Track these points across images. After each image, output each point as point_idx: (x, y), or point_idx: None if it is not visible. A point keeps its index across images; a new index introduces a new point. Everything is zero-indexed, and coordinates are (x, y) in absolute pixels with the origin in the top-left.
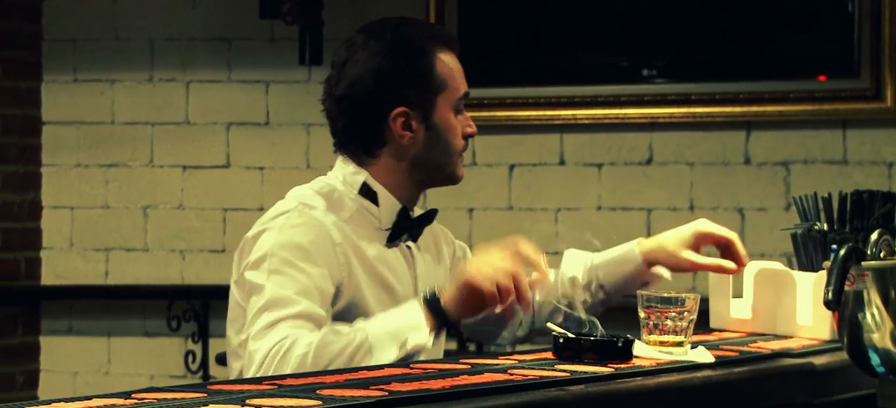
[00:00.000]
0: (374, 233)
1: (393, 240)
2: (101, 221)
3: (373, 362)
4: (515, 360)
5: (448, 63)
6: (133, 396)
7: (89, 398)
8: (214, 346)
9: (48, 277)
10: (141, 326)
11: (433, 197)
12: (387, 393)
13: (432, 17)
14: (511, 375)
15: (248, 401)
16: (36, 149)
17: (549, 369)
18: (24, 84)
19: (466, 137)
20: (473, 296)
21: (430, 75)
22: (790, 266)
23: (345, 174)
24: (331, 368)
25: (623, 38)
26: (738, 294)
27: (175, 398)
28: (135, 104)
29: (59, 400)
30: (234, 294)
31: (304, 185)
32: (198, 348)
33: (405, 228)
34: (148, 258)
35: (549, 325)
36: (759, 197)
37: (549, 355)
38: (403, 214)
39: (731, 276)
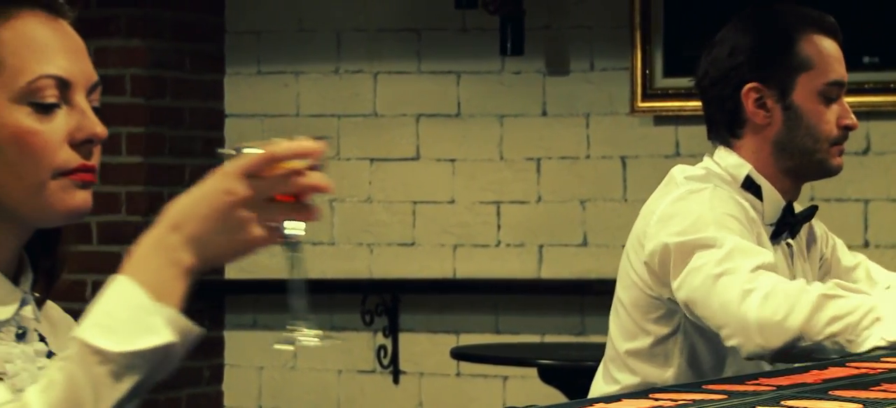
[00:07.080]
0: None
1: (776, 237)
2: None
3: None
4: None
5: (819, 45)
6: (650, 396)
7: (618, 399)
8: (404, 341)
9: (232, 271)
10: (328, 320)
11: None
12: None
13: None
14: None
15: (782, 402)
16: (220, 142)
17: None
18: (208, 77)
19: (844, 128)
20: None
21: (790, 52)
22: None
23: (726, 165)
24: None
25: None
26: None
27: (694, 400)
28: (320, 96)
29: (597, 400)
30: (628, 295)
31: (685, 166)
32: (389, 343)
33: (788, 225)
34: (335, 252)
35: None
36: None
37: None
38: (788, 209)
39: None
